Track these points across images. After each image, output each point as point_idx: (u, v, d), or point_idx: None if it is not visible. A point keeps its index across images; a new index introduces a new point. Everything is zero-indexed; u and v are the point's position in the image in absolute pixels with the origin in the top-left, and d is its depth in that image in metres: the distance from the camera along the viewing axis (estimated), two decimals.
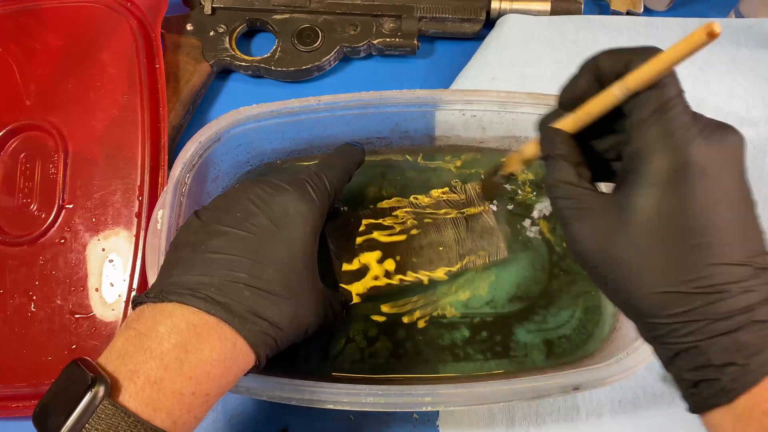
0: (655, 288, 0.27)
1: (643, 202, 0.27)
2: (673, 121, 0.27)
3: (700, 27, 0.24)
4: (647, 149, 0.27)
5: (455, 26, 0.56)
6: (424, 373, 0.45)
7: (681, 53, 0.26)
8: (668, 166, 0.27)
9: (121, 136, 0.50)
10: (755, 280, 0.26)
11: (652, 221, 0.27)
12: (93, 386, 0.28)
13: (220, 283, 0.32)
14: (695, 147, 0.27)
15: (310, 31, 0.56)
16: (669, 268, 0.27)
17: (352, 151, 0.43)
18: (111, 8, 0.53)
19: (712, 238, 0.26)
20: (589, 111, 0.30)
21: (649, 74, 0.27)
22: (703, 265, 0.26)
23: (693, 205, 0.26)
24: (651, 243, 0.27)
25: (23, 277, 0.48)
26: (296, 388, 0.38)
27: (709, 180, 0.27)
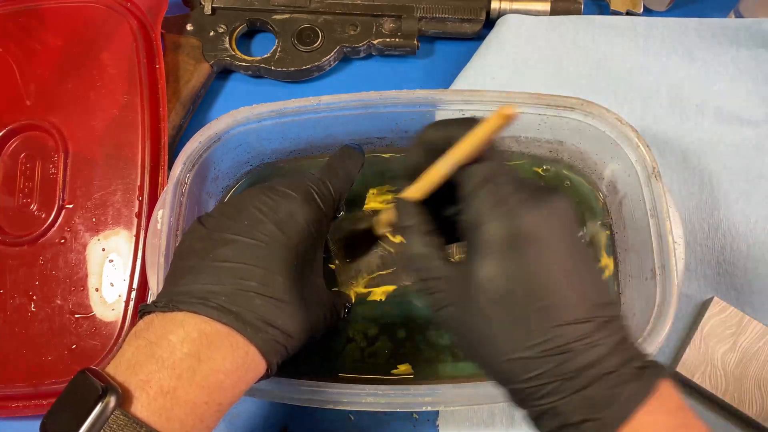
0: (508, 355, 0.27)
1: (484, 271, 0.28)
2: (499, 190, 0.28)
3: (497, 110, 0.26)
4: (480, 219, 0.28)
5: (455, 26, 0.56)
6: (424, 374, 0.45)
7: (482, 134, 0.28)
8: (500, 235, 0.27)
9: (121, 136, 0.50)
10: (600, 333, 0.27)
11: (495, 289, 0.27)
12: (104, 396, 0.28)
13: (231, 291, 0.32)
14: (524, 214, 0.28)
15: (310, 31, 0.56)
16: (517, 334, 0.27)
17: (353, 155, 0.42)
18: (111, 8, 0.53)
19: (552, 300, 0.27)
20: (427, 181, 0.31)
21: (467, 150, 0.29)
22: (548, 328, 0.27)
23: (529, 270, 0.27)
24: (497, 310, 0.28)
25: (23, 277, 0.48)
26: (296, 388, 0.38)
27: (540, 244, 0.27)
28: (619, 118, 0.43)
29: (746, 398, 0.44)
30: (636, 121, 0.45)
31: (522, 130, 0.48)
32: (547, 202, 0.28)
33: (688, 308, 0.48)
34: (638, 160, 0.42)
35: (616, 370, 0.26)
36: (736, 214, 0.49)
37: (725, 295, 0.48)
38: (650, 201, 0.41)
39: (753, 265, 0.48)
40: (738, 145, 0.51)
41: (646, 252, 0.41)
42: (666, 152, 0.51)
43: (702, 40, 0.54)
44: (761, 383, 0.44)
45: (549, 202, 0.28)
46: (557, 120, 0.45)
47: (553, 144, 0.49)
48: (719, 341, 0.45)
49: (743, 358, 0.45)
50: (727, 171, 0.50)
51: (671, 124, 0.52)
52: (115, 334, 0.46)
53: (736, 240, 0.48)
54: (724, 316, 0.46)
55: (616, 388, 0.26)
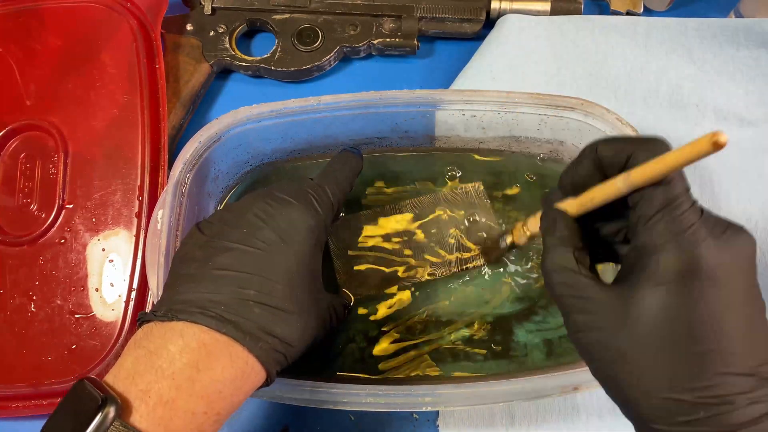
0: (659, 393, 0.26)
1: (649, 301, 0.26)
2: (681, 219, 0.26)
3: (707, 135, 0.24)
4: (654, 247, 0.26)
5: (455, 26, 0.56)
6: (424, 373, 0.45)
7: (687, 158, 0.25)
8: (677, 267, 0.26)
9: (121, 136, 0.50)
10: (761, 390, 0.26)
11: (658, 323, 0.26)
12: (104, 407, 0.28)
13: (230, 300, 0.32)
14: (705, 248, 0.26)
15: (310, 31, 0.56)
16: (674, 373, 0.26)
17: (352, 159, 0.42)
18: (111, 8, 0.53)
19: (719, 345, 0.25)
20: (592, 198, 0.30)
21: (654, 173, 0.26)
22: (710, 374, 0.25)
23: (701, 310, 0.26)
24: (656, 345, 0.26)
25: (23, 277, 0.48)
26: (296, 388, 0.38)
27: (719, 284, 0.26)
28: (619, 118, 0.43)
29: None
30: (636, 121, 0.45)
31: (522, 130, 0.48)
32: (733, 239, 0.27)
33: None
34: None
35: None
36: (736, 214, 0.49)
37: None
38: None
39: None
40: (738, 145, 0.51)
41: None
42: None
43: (702, 40, 0.54)
44: None
45: (735, 240, 0.27)
46: (557, 120, 0.45)
47: (553, 144, 0.49)
48: None
49: None
50: (727, 171, 0.50)
51: (671, 124, 0.52)
52: (115, 334, 0.46)
53: None
54: None
55: None
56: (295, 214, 0.36)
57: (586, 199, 0.30)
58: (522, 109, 0.45)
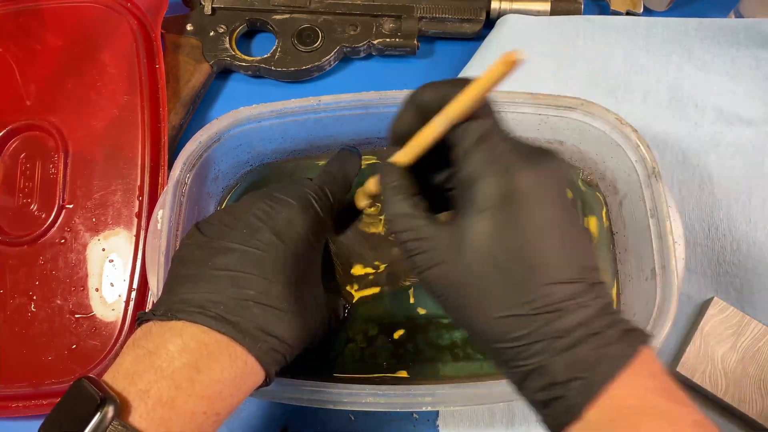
0: (496, 312, 0.27)
1: (476, 227, 0.27)
2: (495, 148, 0.28)
3: (500, 57, 0.25)
4: (474, 176, 0.28)
5: (455, 26, 0.56)
6: (424, 373, 0.45)
7: (489, 81, 0.27)
8: (496, 192, 0.27)
9: (121, 136, 0.50)
10: (588, 294, 0.27)
11: (487, 246, 0.27)
12: (102, 406, 0.28)
13: (229, 300, 0.32)
14: (518, 171, 0.27)
15: (310, 31, 0.56)
16: (507, 291, 0.27)
17: (351, 159, 0.42)
18: (111, 8, 0.53)
19: (543, 258, 0.27)
20: (418, 143, 0.30)
21: (464, 105, 0.28)
22: (539, 286, 0.27)
23: (522, 228, 0.27)
24: (488, 268, 0.27)
25: (23, 277, 0.48)
26: (296, 388, 0.38)
27: (534, 203, 0.27)
28: (619, 118, 0.43)
29: (746, 398, 0.44)
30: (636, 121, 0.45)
31: (522, 130, 0.48)
32: (543, 162, 0.28)
33: (688, 308, 0.48)
34: (638, 160, 0.42)
35: (602, 331, 0.27)
36: (736, 214, 0.49)
37: (725, 295, 0.48)
38: (650, 201, 0.41)
39: (753, 265, 0.48)
40: (738, 145, 0.51)
41: (646, 252, 0.41)
42: (666, 152, 0.51)
43: (702, 40, 0.54)
44: (761, 383, 0.44)
45: (544, 161, 0.28)
46: (557, 120, 0.45)
47: (553, 144, 0.48)
48: (719, 341, 0.45)
49: (743, 358, 0.45)
50: (727, 171, 0.50)
51: (671, 124, 0.52)
52: (115, 334, 0.46)
53: (737, 240, 0.49)
54: (724, 316, 0.46)
55: (603, 349, 0.26)
56: (294, 215, 0.36)
57: (414, 146, 0.31)
58: (522, 109, 0.45)
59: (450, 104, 0.29)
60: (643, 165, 0.42)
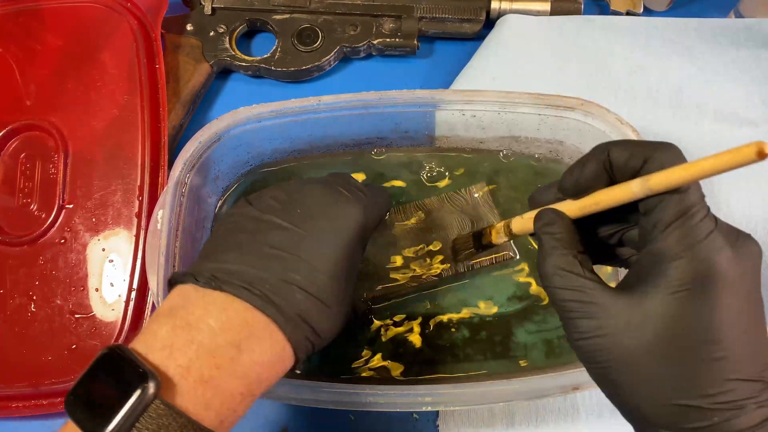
0: (671, 400, 0.26)
1: (664, 308, 0.26)
2: (698, 228, 0.26)
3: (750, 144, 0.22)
4: (670, 254, 0.26)
5: (455, 26, 0.56)
6: (425, 373, 0.45)
7: (722, 166, 0.24)
8: (692, 275, 0.26)
9: (121, 136, 0.50)
10: (766, 394, 0.26)
11: (671, 329, 0.26)
12: (144, 382, 0.26)
13: (276, 281, 0.31)
14: (722, 257, 0.26)
15: (310, 31, 0.56)
16: (687, 380, 0.26)
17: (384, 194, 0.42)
18: (111, 8, 0.53)
19: (731, 352, 0.26)
20: (599, 201, 0.29)
21: (677, 180, 0.26)
22: (721, 380, 0.26)
23: (715, 317, 0.26)
24: (668, 352, 0.26)
25: (23, 277, 0.48)
26: (296, 388, 0.38)
27: (732, 292, 0.26)
28: (619, 119, 0.43)
29: None
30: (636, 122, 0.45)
31: (522, 130, 0.48)
32: (744, 247, 0.27)
33: None
34: None
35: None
36: (737, 215, 0.49)
37: None
38: None
39: None
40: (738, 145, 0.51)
41: None
42: None
43: (702, 40, 0.54)
44: None
45: (746, 248, 0.27)
46: (557, 120, 0.45)
47: (553, 144, 0.48)
48: None
49: None
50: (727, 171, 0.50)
51: (671, 124, 0.52)
52: (115, 334, 0.46)
53: None
54: None
55: None
56: (351, 209, 0.35)
57: (590, 202, 0.29)
58: (522, 109, 0.45)
59: (659, 174, 0.26)
60: None
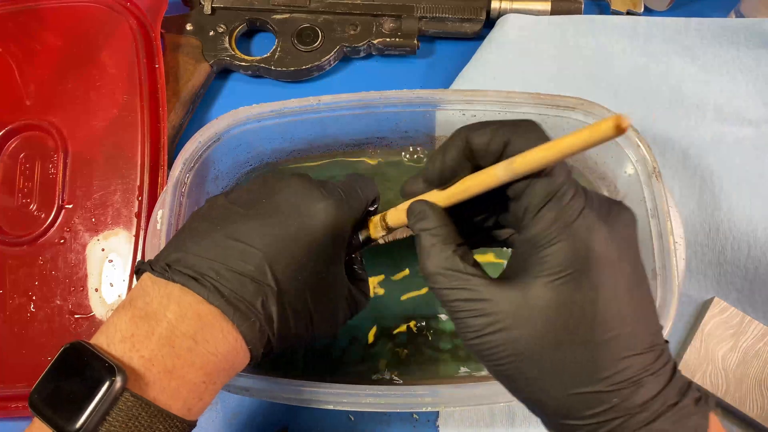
0: (572, 389, 0.25)
1: (547, 296, 0.25)
2: (568, 209, 0.25)
3: (608, 118, 0.22)
4: (544, 240, 0.25)
5: (455, 26, 0.56)
6: (425, 374, 0.45)
7: (582, 143, 0.23)
8: (570, 259, 0.25)
9: (121, 136, 0.50)
10: (659, 361, 0.26)
11: (558, 317, 0.25)
12: (111, 375, 0.27)
13: (228, 271, 0.31)
14: (596, 235, 0.25)
15: (310, 31, 0.56)
16: (583, 366, 0.25)
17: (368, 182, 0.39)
18: (111, 8, 0.53)
19: (619, 330, 0.25)
20: (467, 188, 0.28)
21: (540, 161, 0.25)
22: (615, 360, 0.25)
23: (599, 298, 0.25)
24: (558, 340, 0.25)
25: (23, 277, 0.48)
26: (296, 389, 0.38)
27: (612, 270, 0.25)
28: None
29: (747, 399, 0.44)
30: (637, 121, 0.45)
31: None
32: (617, 219, 0.26)
33: (689, 308, 0.48)
34: (639, 160, 0.42)
35: (678, 401, 0.25)
36: (737, 215, 0.49)
37: (726, 295, 0.48)
38: (651, 201, 0.41)
39: (754, 265, 0.48)
40: (739, 144, 0.51)
41: (646, 252, 0.41)
42: (666, 152, 0.51)
43: (702, 40, 0.54)
44: (762, 384, 0.44)
45: (619, 218, 0.26)
46: (557, 120, 0.45)
47: None
48: (720, 341, 0.45)
49: (744, 358, 0.45)
50: (727, 171, 0.50)
51: (672, 123, 0.52)
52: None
53: (737, 240, 0.48)
54: (725, 317, 0.45)
55: (680, 422, 0.25)
56: (321, 204, 0.34)
57: (459, 190, 0.28)
58: (522, 109, 0.45)
59: (522, 157, 0.25)
60: (644, 165, 0.42)
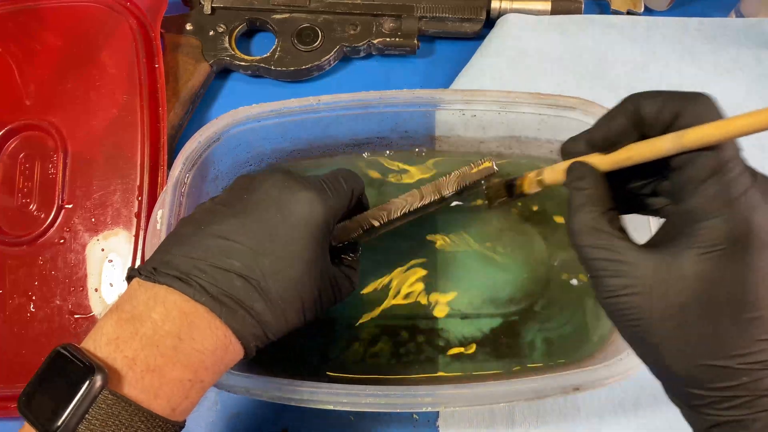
0: (701, 359, 0.26)
1: (697, 267, 0.26)
2: (734, 184, 0.25)
3: None
4: (704, 212, 0.26)
5: (455, 26, 0.56)
6: (425, 374, 0.45)
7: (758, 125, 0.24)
8: (728, 234, 0.25)
9: (121, 136, 0.50)
10: None
11: (705, 289, 0.26)
12: (90, 375, 0.27)
13: (213, 269, 0.32)
14: (758, 216, 0.25)
15: (309, 31, 0.55)
16: (718, 340, 0.26)
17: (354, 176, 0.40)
18: (111, 8, 0.53)
19: (764, 312, 0.25)
20: (630, 156, 0.28)
21: (711, 138, 0.25)
22: (753, 340, 0.25)
23: (751, 277, 0.25)
24: (700, 311, 0.26)
25: (23, 277, 0.48)
26: (296, 389, 0.38)
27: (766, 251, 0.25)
28: None
29: None
30: None
31: (522, 130, 0.48)
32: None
33: None
34: None
35: None
36: None
37: None
38: None
39: None
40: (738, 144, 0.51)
41: None
42: None
43: (702, 40, 0.54)
44: None
45: None
46: (557, 120, 0.45)
47: (553, 144, 0.48)
48: None
49: None
50: None
51: None
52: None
53: None
54: None
55: None
56: (304, 196, 0.35)
57: (622, 157, 0.28)
58: (522, 109, 0.45)
59: (693, 131, 0.25)
60: None
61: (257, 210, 0.34)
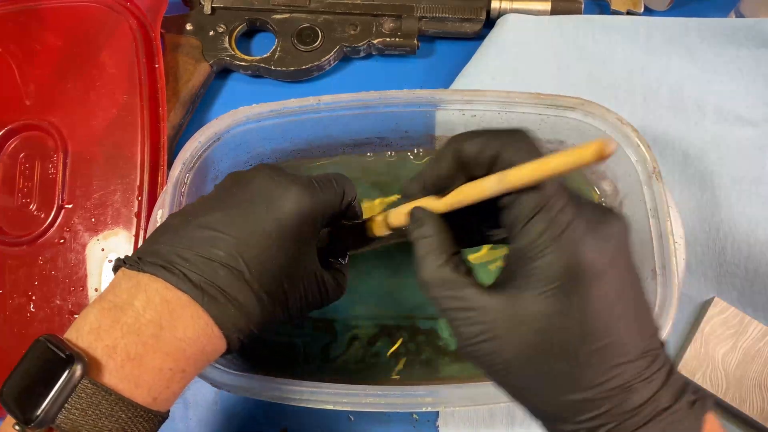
0: (562, 396, 0.26)
1: (540, 306, 0.26)
2: (558, 219, 0.26)
3: (595, 142, 0.23)
4: (536, 250, 0.26)
5: (455, 26, 0.56)
6: (425, 374, 0.45)
7: (570, 165, 0.24)
8: (560, 270, 0.25)
9: (121, 136, 0.50)
10: (654, 366, 0.26)
11: (551, 327, 0.26)
12: (70, 364, 0.27)
13: (197, 258, 0.32)
14: (585, 246, 0.25)
15: (309, 31, 0.55)
16: (575, 373, 0.26)
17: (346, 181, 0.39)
18: (111, 8, 0.53)
19: (612, 338, 0.26)
20: (461, 199, 0.29)
21: (531, 178, 0.25)
22: (608, 368, 0.26)
23: (591, 307, 0.25)
24: (552, 349, 0.26)
25: (23, 277, 0.48)
26: (296, 389, 0.38)
27: (603, 279, 0.26)
28: (619, 118, 0.43)
29: (747, 399, 0.44)
30: (637, 121, 0.45)
31: None
32: (608, 228, 0.26)
33: (689, 308, 0.48)
34: (639, 161, 0.42)
35: (670, 405, 0.26)
36: (737, 215, 0.49)
37: (726, 295, 0.48)
38: (651, 201, 0.41)
39: (754, 265, 0.48)
40: (739, 145, 0.51)
41: (646, 252, 0.41)
42: (667, 152, 0.51)
43: (702, 40, 0.54)
44: (762, 384, 0.44)
45: (611, 228, 0.27)
46: (557, 120, 0.45)
47: (553, 144, 0.48)
48: (720, 342, 0.45)
49: (744, 358, 0.45)
50: (728, 171, 0.50)
51: (672, 124, 0.52)
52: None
53: (737, 240, 0.48)
54: (725, 317, 0.45)
55: (671, 426, 0.26)
56: (293, 192, 0.34)
57: (455, 200, 0.29)
58: (522, 109, 0.45)
59: (514, 171, 0.26)
60: (644, 165, 0.42)
61: (245, 203, 0.34)
